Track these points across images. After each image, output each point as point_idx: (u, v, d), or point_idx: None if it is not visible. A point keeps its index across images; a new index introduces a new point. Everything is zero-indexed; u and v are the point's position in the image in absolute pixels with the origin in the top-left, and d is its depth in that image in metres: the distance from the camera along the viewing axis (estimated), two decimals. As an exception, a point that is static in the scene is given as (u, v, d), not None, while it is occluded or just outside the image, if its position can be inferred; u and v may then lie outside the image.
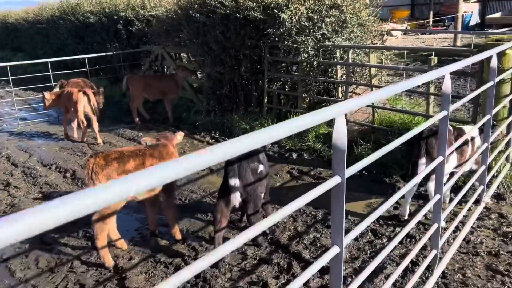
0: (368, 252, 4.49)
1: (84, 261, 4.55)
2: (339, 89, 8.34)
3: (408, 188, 3.12)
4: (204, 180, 6.66)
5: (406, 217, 5.16)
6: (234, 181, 4.22)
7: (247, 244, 4.75)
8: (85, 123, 8.85)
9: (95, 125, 8.88)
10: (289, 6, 7.79)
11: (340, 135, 1.88)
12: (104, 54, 13.05)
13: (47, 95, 9.09)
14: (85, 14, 15.11)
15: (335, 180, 1.92)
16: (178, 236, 4.88)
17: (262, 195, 4.59)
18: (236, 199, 4.25)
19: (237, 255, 4.53)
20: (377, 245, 4.61)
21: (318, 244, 4.66)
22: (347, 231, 2.07)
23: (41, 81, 13.50)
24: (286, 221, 5.16)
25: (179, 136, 5.29)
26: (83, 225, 5.21)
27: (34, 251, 4.86)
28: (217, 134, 9.03)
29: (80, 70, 12.96)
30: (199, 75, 11.20)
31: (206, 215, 5.48)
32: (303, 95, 8.42)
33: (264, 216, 4.67)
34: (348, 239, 2.13)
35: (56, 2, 19.39)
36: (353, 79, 8.33)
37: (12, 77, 11.28)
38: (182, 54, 12.05)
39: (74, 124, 9.48)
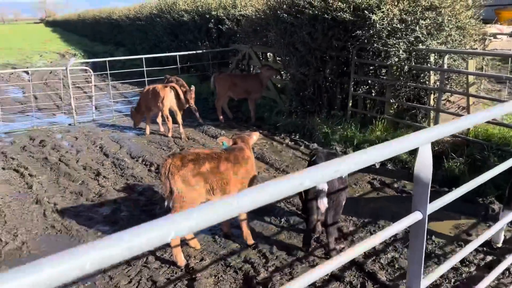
0: (453, 280, 4.09)
1: (158, 257, 4.69)
2: (431, 96, 7.77)
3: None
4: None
5: (499, 244, 4.64)
6: (323, 186, 4.10)
7: (319, 256, 4.58)
8: (170, 118, 9.22)
9: (179, 121, 9.22)
10: (381, 7, 7.39)
11: (424, 167, 1.65)
12: (194, 52, 13.49)
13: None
14: (179, 12, 15.76)
15: (415, 216, 1.70)
16: (250, 241, 4.84)
17: (343, 203, 4.43)
18: (323, 204, 4.14)
19: (308, 268, 4.37)
20: (463, 273, 4.19)
21: (396, 266, 4.35)
22: (429, 256, 1.83)
23: (137, 75, 14.37)
24: (363, 236, 4.89)
25: (255, 136, 5.26)
26: (161, 221, 5.38)
27: (115, 241, 5.11)
28: (297, 137, 8.88)
29: (173, 66, 13.55)
30: (283, 76, 11.13)
31: (280, 221, 5.38)
32: (391, 100, 7.97)
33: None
34: (427, 282, 1.88)
35: (155, 1, 20.50)
36: (448, 86, 7.70)
37: (111, 71, 12.10)
38: (268, 53, 12.06)
39: (159, 119, 9.92)
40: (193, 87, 9.54)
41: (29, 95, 12.62)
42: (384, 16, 7.35)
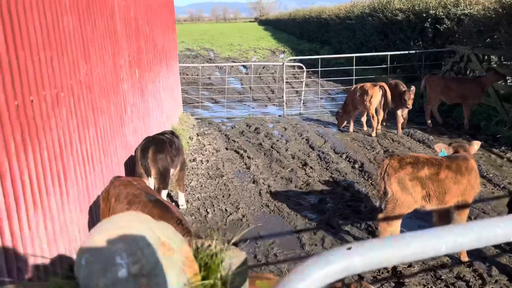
0: None
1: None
2: None
3: None
4: (499, 202, 5.91)
5: None
6: None
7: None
8: (376, 117, 9.17)
9: (380, 120, 9.15)
10: None
11: None
12: (406, 52, 13.04)
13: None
14: (393, 11, 15.41)
15: None
16: (464, 257, 4.51)
17: None
18: None
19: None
20: None
21: None
22: None
23: (341, 74, 14.69)
24: None
25: (476, 145, 4.81)
26: (367, 218, 5.44)
27: (321, 230, 5.39)
28: (523, 152, 7.80)
29: (378, 66, 13.39)
30: (508, 81, 9.88)
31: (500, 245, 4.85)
32: None
33: None
34: None
35: (367, 0, 20.50)
36: None
37: (321, 69, 12.63)
38: (491, 56, 10.84)
39: (363, 118, 9.94)
40: (413, 88, 9.19)
41: (247, 86, 14.15)
42: None
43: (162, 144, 5.34)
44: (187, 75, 18.23)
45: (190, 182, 6.98)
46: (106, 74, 5.40)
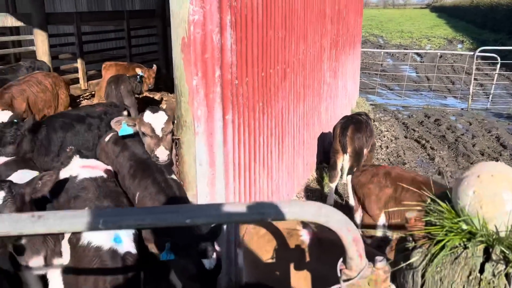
0: None
1: None
2: None
3: None
4: None
5: None
6: None
7: None
8: None
9: None
10: None
11: None
12: None
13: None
14: None
15: None
16: None
17: None
18: None
19: None
20: None
21: None
22: None
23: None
24: None
25: None
26: None
27: None
28: None
29: None
30: None
31: None
32: None
33: None
34: None
35: None
36: None
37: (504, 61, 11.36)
38: None
39: None
40: None
41: (422, 75, 13.52)
42: None
43: (360, 124, 5.56)
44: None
45: (372, 165, 7.11)
46: (315, 54, 5.82)
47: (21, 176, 3.08)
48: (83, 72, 9.54)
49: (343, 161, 5.54)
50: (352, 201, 5.01)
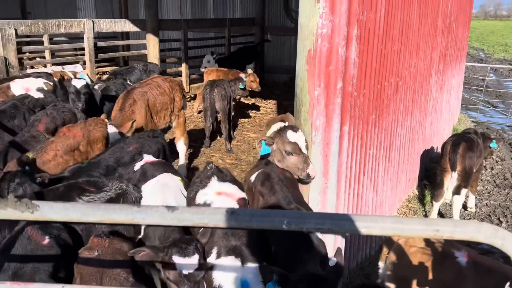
0: None
1: None
2: None
3: None
4: None
5: None
6: None
7: None
8: None
9: None
10: None
11: None
12: None
13: None
14: None
15: None
16: None
17: None
18: None
19: None
20: None
21: None
22: None
23: None
24: None
25: None
26: None
27: None
28: None
29: None
30: None
31: None
32: None
33: None
34: None
35: None
36: None
37: None
38: None
39: None
40: None
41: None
42: None
43: (472, 143, 5.29)
44: (458, 74, 17.20)
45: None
46: (424, 68, 5.65)
47: (165, 180, 3.26)
48: (186, 76, 10.11)
49: (450, 179, 5.30)
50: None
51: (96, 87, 5.49)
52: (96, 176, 3.81)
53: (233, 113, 7.53)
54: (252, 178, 3.27)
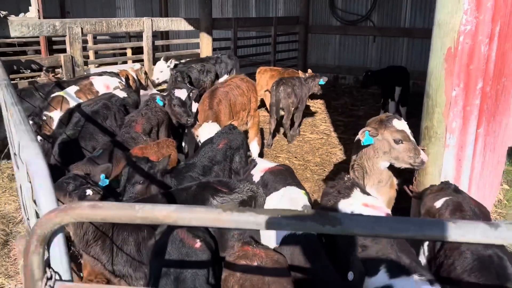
0: None
1: None
2: None
3: None
4: None
5: None
6: None
7: None
8: None
9: None
10: None
11: None
12: None
13: None
14: None
15: None
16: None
17: None
18: None
19: None
20: None
21: None
22: None
23: None
24: None
25: None
26: None
27: None
28: None
29: None
30: None
31: None
32: None
33: None
34: None
35: None
36: None
37: None
38: None
39: None
40: None
41: None
42: None
43: None
44: None
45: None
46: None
47: (290, 195, 3.13)
48: (235, 75, 10.03)
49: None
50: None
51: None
52: (196, 177, 3.76)
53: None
54: (438, 204, 2.96)
